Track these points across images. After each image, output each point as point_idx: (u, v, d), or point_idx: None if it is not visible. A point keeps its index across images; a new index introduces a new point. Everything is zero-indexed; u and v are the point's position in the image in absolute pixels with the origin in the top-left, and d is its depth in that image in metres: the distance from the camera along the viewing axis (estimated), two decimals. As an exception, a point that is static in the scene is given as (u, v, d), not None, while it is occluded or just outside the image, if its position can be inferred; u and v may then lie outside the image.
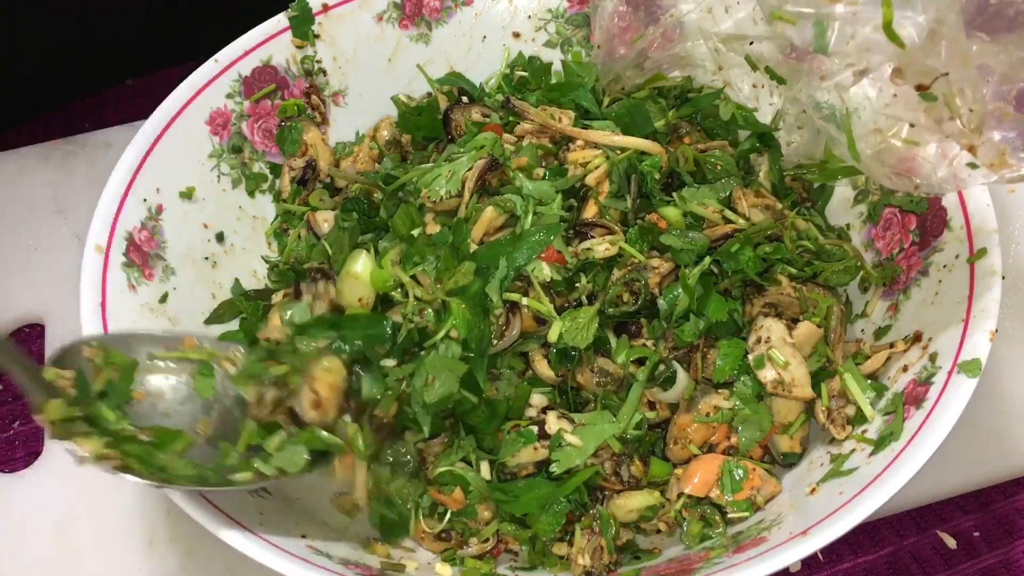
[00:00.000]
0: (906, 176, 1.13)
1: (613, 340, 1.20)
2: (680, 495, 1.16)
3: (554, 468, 1.15)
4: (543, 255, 1.17)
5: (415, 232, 1.23)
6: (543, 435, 1.16)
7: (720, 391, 1.18)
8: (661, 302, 1.18)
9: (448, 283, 1.16)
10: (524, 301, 1.17)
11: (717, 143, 1.36)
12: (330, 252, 1.31)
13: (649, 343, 1.20)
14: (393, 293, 1.21)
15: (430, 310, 1.17)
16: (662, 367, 1.19)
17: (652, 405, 1.21)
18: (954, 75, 1.01)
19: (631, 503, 1.16)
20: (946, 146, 1.08)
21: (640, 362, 1.19)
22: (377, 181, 1.37)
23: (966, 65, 1.00)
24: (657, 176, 1.27)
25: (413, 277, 1.20)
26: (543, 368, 1.19)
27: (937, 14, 1.00)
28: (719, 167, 1.30)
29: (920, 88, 1.04)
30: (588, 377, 1.19)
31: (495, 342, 1.16)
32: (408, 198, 1.29)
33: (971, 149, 1.04)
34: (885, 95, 1.09)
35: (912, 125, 1.08)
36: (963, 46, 1.01)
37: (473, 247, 1.19)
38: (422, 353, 1.17)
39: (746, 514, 1.14)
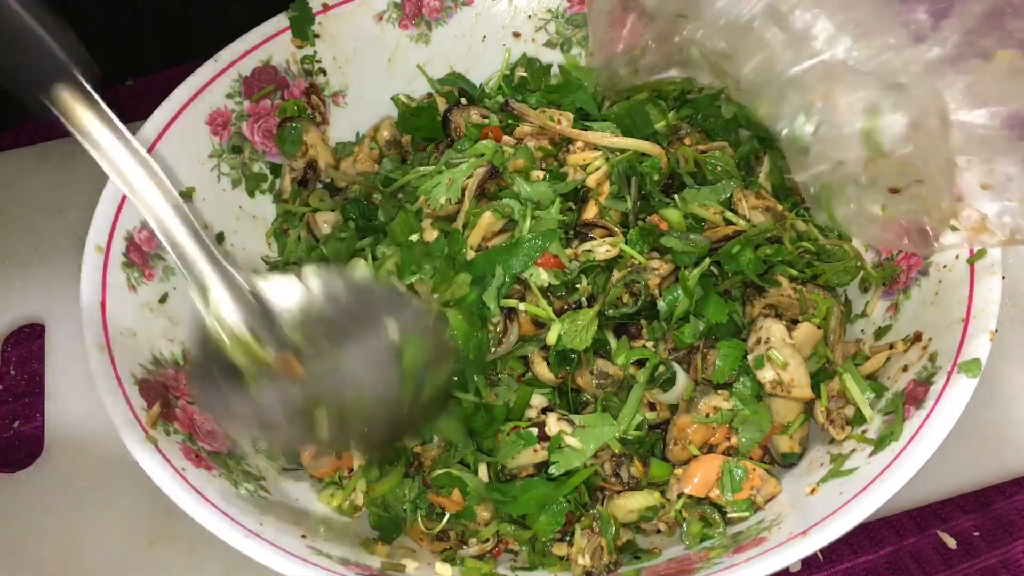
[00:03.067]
0: (892, 238, 1.15)
1: (613, 341, 1.20)
2: (680, 495, 1.15)
3: (553, 470, 1.15)
4: (540, 260, 1.17)
5: (413, 238, 1.23)
6: (543, 436, 1.16)
7: (720, 392, 1.18)
8: (661, 303, 1.17)
9: (444, 294, 1.16)
10: (521, 306, 1.17)
11: (717, 144, 1.36)
12: (329, 262, 1.31)
13: (649, 344, 1.20)
14: None
15: None
16: (662, 368, 1.19)
17: (652, 406, 1.21)
18: (929, 182, 1.03)
19: (631, 503, 1.16)
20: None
21: (640, 363, 1.19)
22: (376, 183, 1.37)
23: (941, 175, 1.03)
24: (657, 178, 1.27)
25: (410, 286, 1.20)
26: (543, 370, 1.19)
27: (917, 116, 1.02)
28: (719, 168, 1.30)
29: (893, 191, 1.06)
30: (588, 379, 1.19)
31: (493, 349, 1.16)
32: (407, 201, 1.29)
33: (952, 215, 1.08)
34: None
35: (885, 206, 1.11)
36: (941, 151, 1.02)
37: (470, 254, 1.19)
38: None
39: (746, 514, 1.14)
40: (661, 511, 1.17)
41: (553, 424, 1.16)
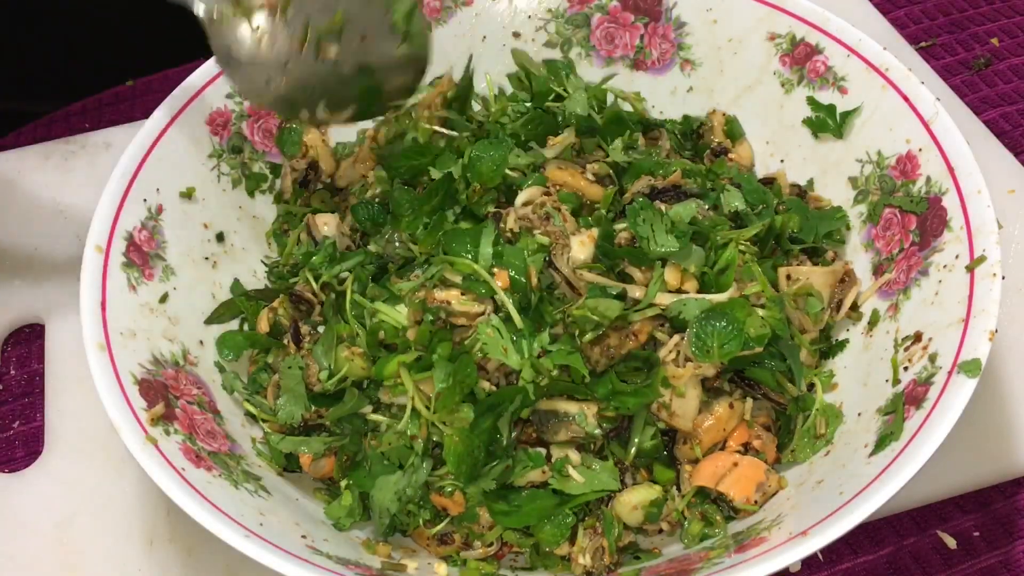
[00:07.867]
0: None
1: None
2: (690, 488, 1.16)
3: (552, 483, 1.15)
4: None
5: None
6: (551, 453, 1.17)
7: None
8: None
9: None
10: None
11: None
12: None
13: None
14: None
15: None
16: None
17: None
18: None
19: (633, 498, 1.16)
20: None
21: None
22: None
23: None
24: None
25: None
26: None
27: None
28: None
29: None
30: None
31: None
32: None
33: None
34: None
35: None
36: None
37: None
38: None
39: (752, 509, 1.14)
40: (665, 508, 1.17)
41: (557, 449, 1.17)
